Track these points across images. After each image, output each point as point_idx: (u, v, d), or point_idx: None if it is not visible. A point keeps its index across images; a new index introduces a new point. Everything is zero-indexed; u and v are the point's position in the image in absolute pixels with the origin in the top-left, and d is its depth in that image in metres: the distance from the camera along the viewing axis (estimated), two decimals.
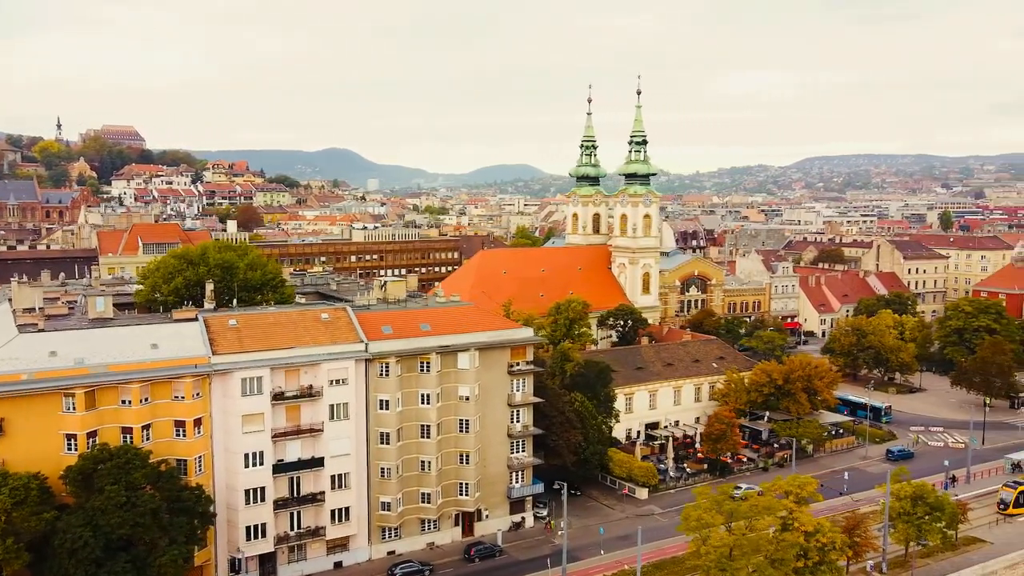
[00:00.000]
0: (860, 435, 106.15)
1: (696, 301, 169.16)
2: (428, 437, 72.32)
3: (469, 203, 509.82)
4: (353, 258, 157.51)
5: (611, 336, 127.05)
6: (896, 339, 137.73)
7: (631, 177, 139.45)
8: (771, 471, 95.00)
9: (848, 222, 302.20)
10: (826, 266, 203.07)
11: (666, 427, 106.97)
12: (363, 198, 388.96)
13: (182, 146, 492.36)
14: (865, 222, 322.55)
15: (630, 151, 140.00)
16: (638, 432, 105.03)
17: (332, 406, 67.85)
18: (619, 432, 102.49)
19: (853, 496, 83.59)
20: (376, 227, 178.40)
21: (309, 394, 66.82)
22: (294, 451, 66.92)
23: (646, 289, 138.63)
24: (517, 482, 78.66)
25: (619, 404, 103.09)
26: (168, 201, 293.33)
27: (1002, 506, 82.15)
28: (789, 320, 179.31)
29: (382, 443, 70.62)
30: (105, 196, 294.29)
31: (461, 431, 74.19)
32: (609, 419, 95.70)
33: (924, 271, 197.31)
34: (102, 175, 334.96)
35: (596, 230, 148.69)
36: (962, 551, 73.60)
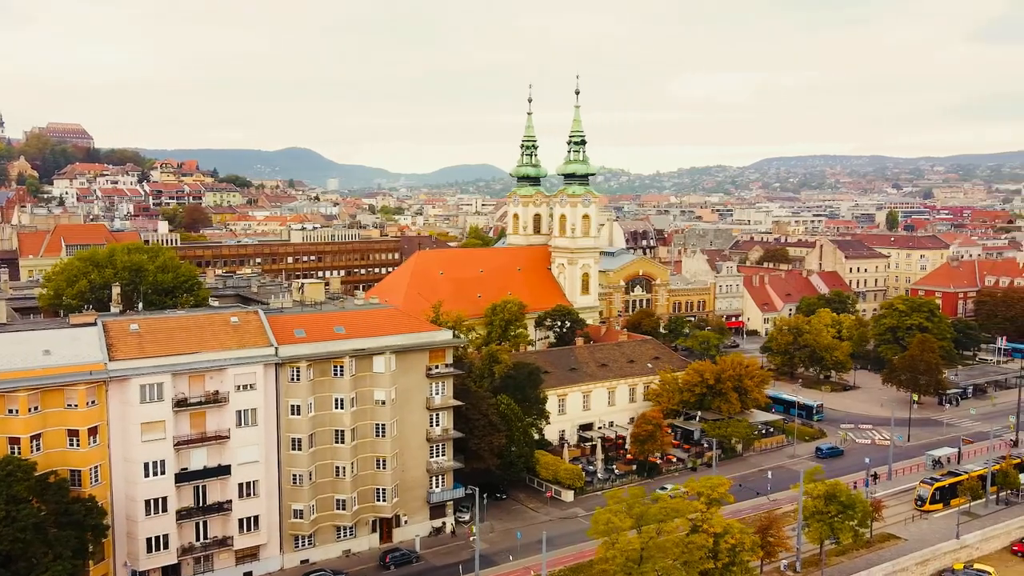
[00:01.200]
0: (790, 433, 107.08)
1: (641, 301, 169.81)
2: (342, 442, 70.85)
3: (427, 203, 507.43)
4: (290, 259, 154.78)
5: (548, 337, 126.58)
6: (833, 338, 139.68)
7: (570, 177, 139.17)
8: (700, 471, 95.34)
9: (796, 222, 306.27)
10: (771, 266, 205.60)
11: (600, 428, 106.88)
12: (316, 198, 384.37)
13: (139, 145, 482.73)
14: (812, 222, 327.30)
15: (569, 151, 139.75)
16: (572, 433, 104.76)
17: (239, 412, 66.00)
18: (552, 434, 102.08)
19: (770, 496, 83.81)
20: (315, 228, 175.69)
21: (215, 400, 64.91)
22: (199, 459, 64.95)
23: (585, 289, 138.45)
24: (437, 486, 77.54)
25: (552, 406, 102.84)
26: (114, 201, 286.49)
27: (919, 502, 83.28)
28: (733, 319, 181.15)
29: (294, 449, 68.98)
30: (45, 196, 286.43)
31: (377, 436, 72.81)
32: (539, 421, 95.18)
33: (865, 270, 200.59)
34: (45, 174, 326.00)
35: (537, 230, 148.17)
36: (877, 548, 74.31)
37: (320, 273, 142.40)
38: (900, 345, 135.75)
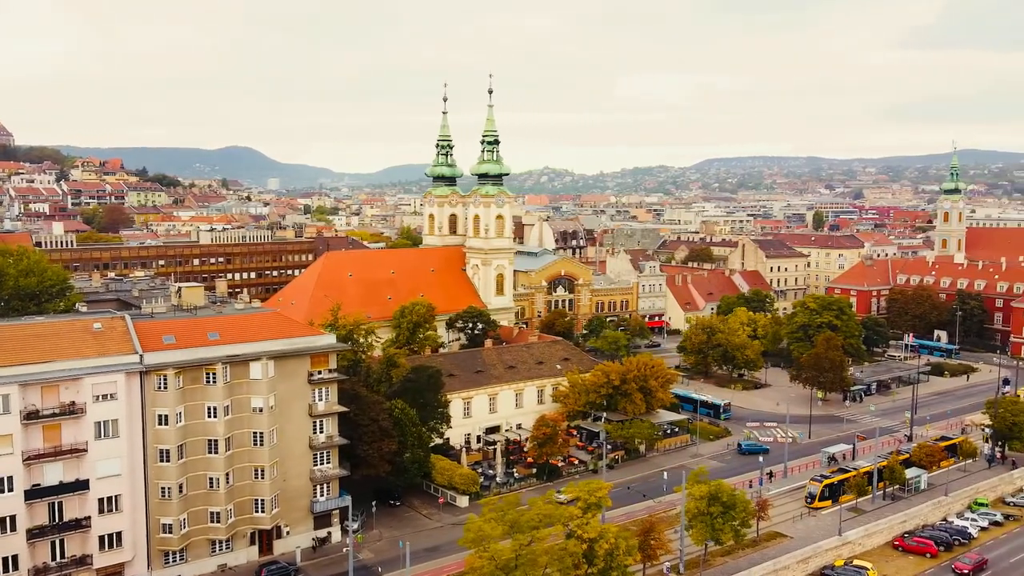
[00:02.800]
0: (694, 433, 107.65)
1: (564, 301, 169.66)
2: (216, 452, 68.09)
3: (366, 203, 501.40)
4: (196, 262, 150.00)
5: (460, 339, 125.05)
6: (749, 336, 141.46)
7: (483, 177, 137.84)
8: (601, 473, 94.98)
9: (724, 221, 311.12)
10: (695, 265, 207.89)
11: (507, 431, 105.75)
12: (248, 198, 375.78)
13: (71, 143, 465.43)
14: (741, 222, 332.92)
15: (482, 151, 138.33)
16: (477, 437, 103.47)
17: (99, 424, 62.77)
18: (457, 437, 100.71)
19: (657, 499, 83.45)
20: (224, 228, 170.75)
21: (71, 412, 61.56)
22: (54, 474, 61.53)
23: (500, 290, 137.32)
24: (322, 495, 75.28)
25: (456, 409, 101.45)
26: (30, 201, 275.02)
27: (809, 499, 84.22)
28: (657, 319, 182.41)
29: (162, 461, 65.96)
30: None
31: (255, 444, 70.27)
32: (440, 425, 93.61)
33: (785, 269, 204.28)
34: None
35: (453, 231, 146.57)
36: (763, 547, 74.69)
37: (229, 275, 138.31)
38: (811, 343, 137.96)
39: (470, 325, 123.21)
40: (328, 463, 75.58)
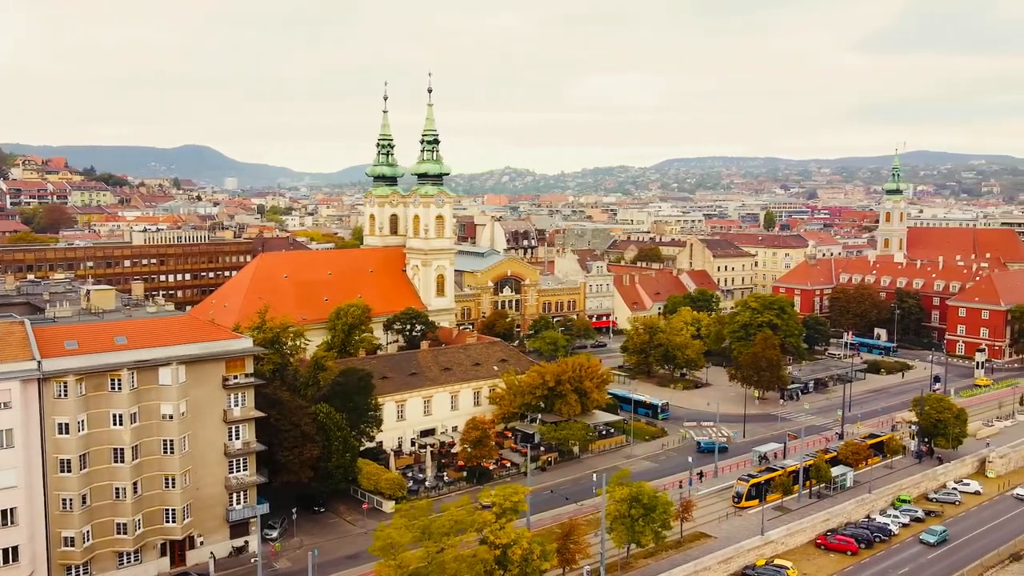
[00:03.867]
0: (630, 433, 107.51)
1: (511, 302, 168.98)
2: (122, 461, 65.70)
3: (322, 203, 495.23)
4: (128, 263, 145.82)
5: (398, 341, 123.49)
6: (692, 336, 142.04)
7: (423, 177, 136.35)
8: (533, 475, 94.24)
9: (677, 221, 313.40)
10: (644, 265, 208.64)
11: (443, 433, 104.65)
12: (199, 198, 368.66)
13: (20, 140, 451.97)
14: (694, 222, 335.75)
15: (422, 151, 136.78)
16: (412, 440, 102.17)
17: None
18: (391, 441, 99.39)
19: (580, 503, 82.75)
20: (160, 229, 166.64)
21: None
22: None
23: (440, 291, 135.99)
24: (238, 503, 73.24)
25: (390, 412, 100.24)
26: None
27: (736, 499, 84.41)
28: (604, 318, 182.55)
29: (62, 471, 63.39)
30: None
31: (165, 452, 67.99)
32: (370, 429, 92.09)
33: (732, 268, 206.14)
34: None
35: (394, 231, 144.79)
36: (686, 548, 74.54)
37: (163, 277, 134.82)
38: (751, 342, 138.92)
39: (408, 327, 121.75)
40: (245, 470, 73.58)
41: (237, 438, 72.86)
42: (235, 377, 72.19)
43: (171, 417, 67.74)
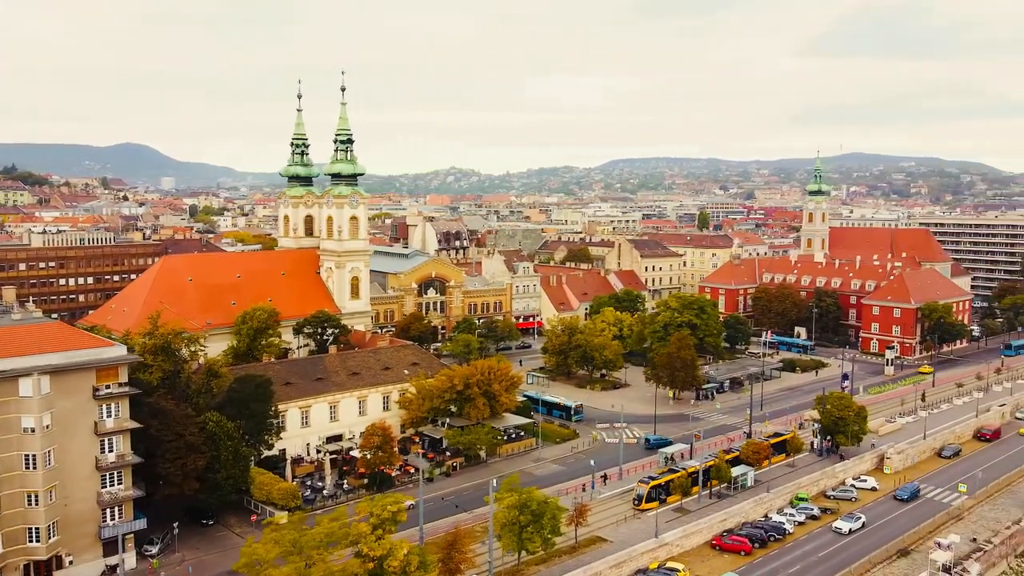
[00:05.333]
0: (547, 436, 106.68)
1: (435, 303, 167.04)
2: None
3: (259, 203, 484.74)
4: (23, 266, 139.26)
5: (309, 345, 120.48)
6: (614, 336, 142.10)
7: (337, 177, 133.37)
8: (437, 480, 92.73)
9: (609, 221, 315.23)
10: (573, 265, 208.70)
11: (350, 439, 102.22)
12: (125, 197, 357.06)
13: None
14: (628, 222, 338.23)
15: (336, 150, 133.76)
16: (317, 448, 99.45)
17: None
18: (294, 448, 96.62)
19: (471, 511, 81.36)
20: (61, 230, 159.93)
21: None
22: None
23: (355, 294, 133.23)
24: (112, 519, 69.77)
25: (293, 418, 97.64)
26: None
27: (636, 501, 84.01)
28: (531, 319, 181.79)
29: None
30: None
31: (27, 468, 64.24)
32: (269, 437, 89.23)
33: (660, 268, 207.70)
34: None
35: (309, 233, 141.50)
36: (580, 553, 73.67)
37: (64, 281, 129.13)
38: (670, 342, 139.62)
39: (319, 331, 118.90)
40: (119, 484, 70.11)
41: (110, 451, 69.40)
42: (107, 387, 68.73)
43: (33, 431, 64.00)
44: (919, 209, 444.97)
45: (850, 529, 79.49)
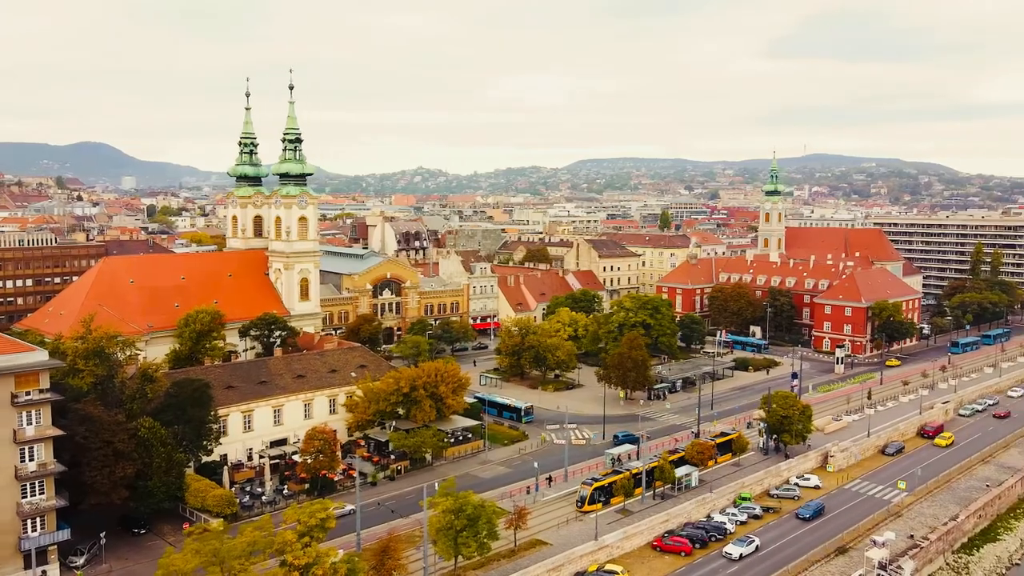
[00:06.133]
0: (496, 438, 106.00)
1: (391, 304, 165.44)
2: None
3: (220, 203, 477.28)
4: None
5: (255, 348, 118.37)
6: (569, 336, 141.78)
7: (285, 177, 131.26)
8: (381, 484, 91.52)
9: (571, 221, 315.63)
10: (532, 265, 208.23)
11: (296, 443, 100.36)
12: (79, 197, 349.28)
13: None
14: (590, 222, 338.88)
15: (284, 150, 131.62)
16: (260, 453, 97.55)
17: None
18: (236, 453, 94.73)
19: (409, 516, 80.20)
20: (2, 231, 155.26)
21: None
22: None
23: (305, 295, 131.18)
24: (33, 531, 67.50)
25: (235, 423, 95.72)
26: None
27: (579, 503, 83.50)
28: (489, 320, 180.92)
29: None
30: None
31: None
32: (208, 443, 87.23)
33: (618, 268, 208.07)
34: None
35: (258, 233, 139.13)
36: (519, 556, 72.93)
37: (0, 283, 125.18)
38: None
39: (265, 333, 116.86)
40: (41, 494, 67.85)
41: (31, 460, 67.13)
42: (27, 393, 66.46)
43: None
44: (878, 209, 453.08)
45: (741, 554, 74.49)
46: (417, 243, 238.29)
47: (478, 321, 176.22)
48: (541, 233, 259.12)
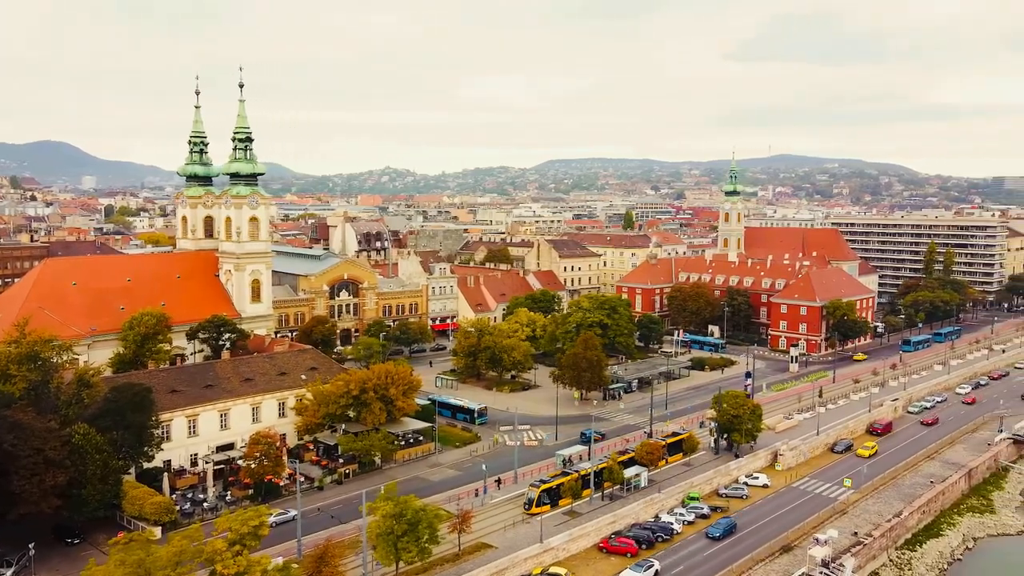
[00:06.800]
0: (448, 440, 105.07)
1: (349, 306, 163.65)
2: None
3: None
4: None
5: (204, 350, 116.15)
6: (527, 337, 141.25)
7: (235, 177, 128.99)
8: (329, 488, 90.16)
9: (534, 221, 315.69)
10: (492, 266, 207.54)
11: (243, 447, 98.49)
12: (32, 197, 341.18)
13: None
14: (554, 222, 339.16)
15: (234, 149, 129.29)
16: (206, 458, 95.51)
17: None
18: (182, 459, 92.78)
19: (351, 521, 78.81)
20: None
21: None
22: None
23: (256, 297, 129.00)
24: None
25: (180, 428, 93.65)
26: None
27: (527, 506, 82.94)
28: (449, 320, 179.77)
29: None
30: None
31: None
32: (149, 448, 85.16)
33: (579, 268, 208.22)
34: None
35: (209, 234, 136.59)
36: (463, 560, 72.13)
37: None
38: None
39: (214, 335, 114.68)
40: None
41: None
42: None
43: None
44: (839, 209, 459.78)
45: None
46: (378, 244, 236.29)
47: (437, 322, 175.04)
48: (504, 233, 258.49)
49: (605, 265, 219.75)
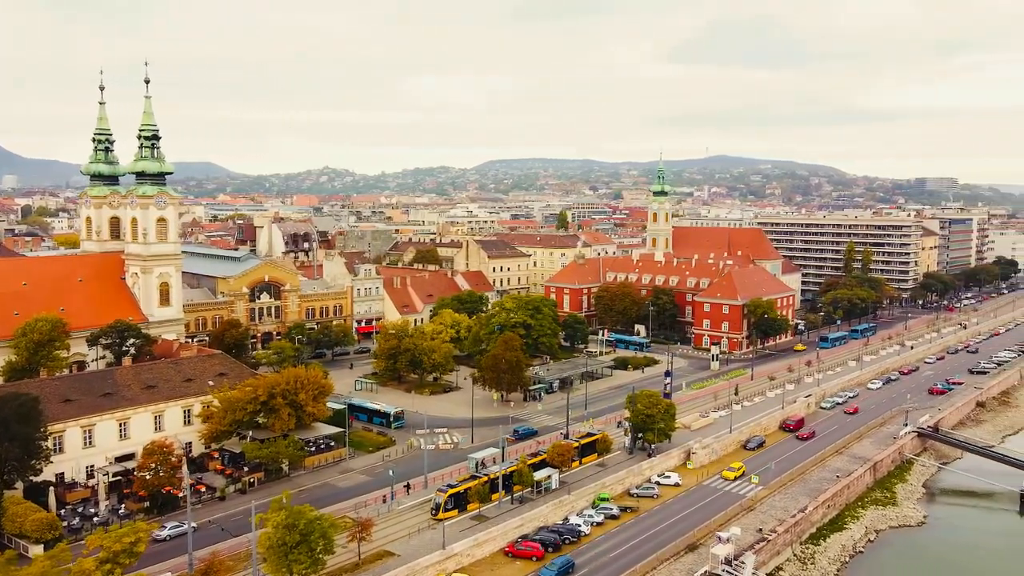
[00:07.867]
0: (361, 445, 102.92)
1: (270, 308, 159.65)
2: None
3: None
4: None
5: (106, 357, 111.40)
6: (451, 338, 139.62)
7: (142, 176, 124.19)
8: (232, 498, 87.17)
9: (468, 220, 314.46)
10: (421, 267, 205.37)
11: None
12: None
13: None
14: (487, 222, 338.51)
15: (140, 147, 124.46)
16: (105, 470, 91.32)
17: None
18: (76, 471, 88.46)
19: (243, 535, 76.30)
20: None
21: None
22: None
23: (165, 301, 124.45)
24: None
25: (74, 438, 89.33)
26: None
27: (434, 511, 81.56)
28: (375, 322, 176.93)
29: None
30: None
31: None
32: (37, 462, 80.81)
33: (508, 269, 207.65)
34: None
35: (116, 236, 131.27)
36: (364, 569, 70.38)
37: None
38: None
39: (118, 341, 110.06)
40: None
41: None
42: None
43: None
44: (769, 209, 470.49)
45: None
46: (306, 245, 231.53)
47: (363, 324, 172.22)
48: (433, 234, 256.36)
49: (535, 265, 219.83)
